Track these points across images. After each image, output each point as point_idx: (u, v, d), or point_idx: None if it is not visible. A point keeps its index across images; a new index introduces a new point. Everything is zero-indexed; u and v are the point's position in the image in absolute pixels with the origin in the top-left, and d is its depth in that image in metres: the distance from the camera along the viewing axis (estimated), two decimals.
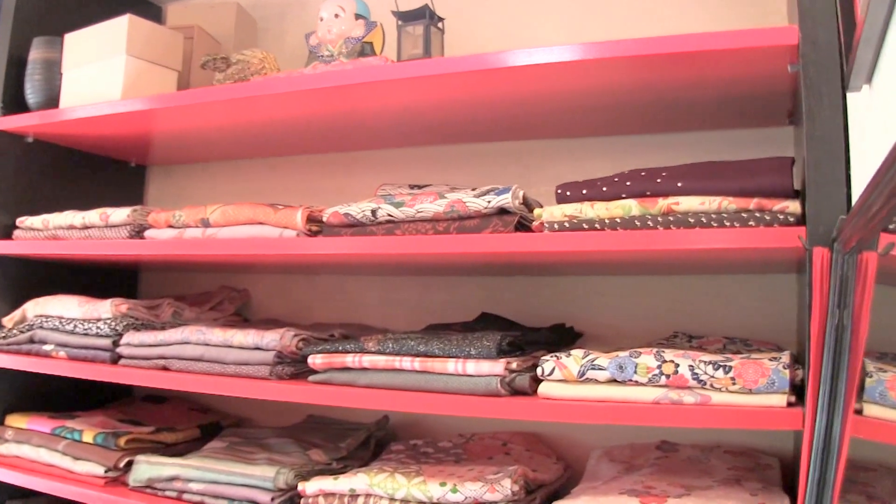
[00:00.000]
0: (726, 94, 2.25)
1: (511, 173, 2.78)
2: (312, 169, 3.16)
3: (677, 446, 2.43)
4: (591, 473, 2.35)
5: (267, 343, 2.38)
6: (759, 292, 2.50)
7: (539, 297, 2.75)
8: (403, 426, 2.88)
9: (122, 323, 2.67)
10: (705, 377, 1.86)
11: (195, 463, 2.45)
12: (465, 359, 2.08)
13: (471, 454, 2.54)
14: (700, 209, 1.90)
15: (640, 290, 2.64)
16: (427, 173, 2.92)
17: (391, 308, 2.99)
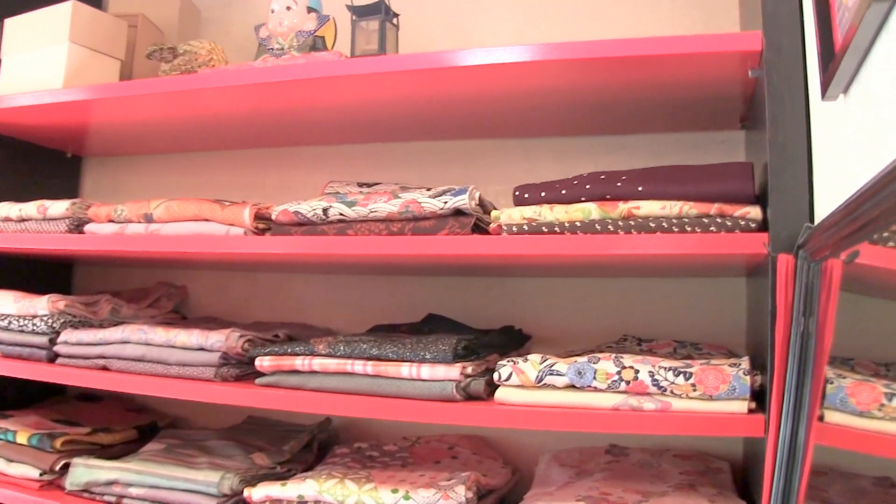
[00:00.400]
0: (680, 97, 2.23)
1: (461, 173, 2.74)
2: (255, 164, 3.10)
3: (627, 450, 2.41)
4: (541, 478, 2.31)
5: (212, 344, 2.31)
6: (708, 296, 2.49)
7: (486, 298, 2.71)
8: (346, 428, 2.83)
9: (59, 320, 2.59)
10: (665, 383, 1.84)
11: (135, 466, 2.38)
12: (420, 363, 2.03)
13: (417, 458, 2.50)
14: (661, 213, 1.88)
15: (588, 292, 2.61)
16: (375, 171, 2.87)
17: (334, 307, 2.94)
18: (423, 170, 2.82)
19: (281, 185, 3.02)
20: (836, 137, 1.55)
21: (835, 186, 1.60)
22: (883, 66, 1.19)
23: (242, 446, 2.58)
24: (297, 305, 3.00)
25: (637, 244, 1.86)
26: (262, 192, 2.97)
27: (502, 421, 1.96)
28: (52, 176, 3.28)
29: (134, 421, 2.92)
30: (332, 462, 2.46)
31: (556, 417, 1.90)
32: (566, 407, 1.91)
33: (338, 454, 2.53)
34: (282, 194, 2.64)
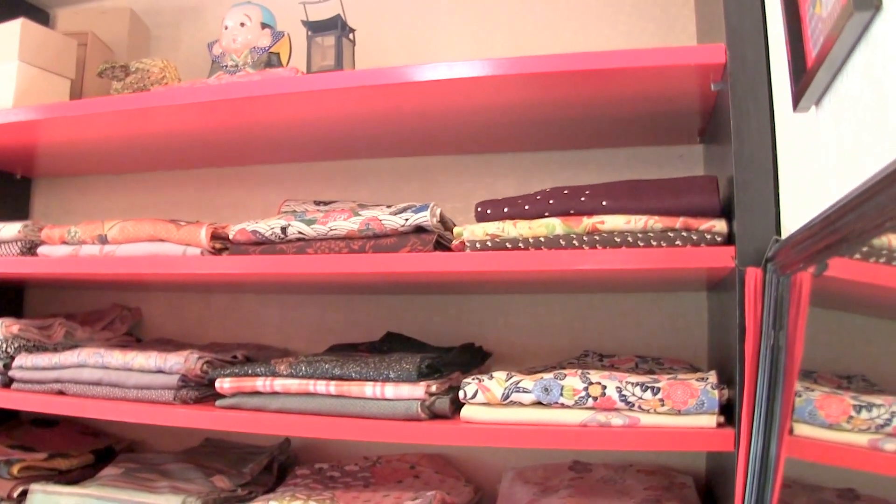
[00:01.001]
0: (639, 111, 2.23)
1: (419, 190, 2.72)
2: (207, 183, 3.06)
3: (590, 466, 2.40)
4: (505, 496, 2.30)
5: (170, 366, 2.28)
6: (669, 310, 2.50)
7: (444, 316, 2.70)
8: (305, 449, 2.80)
9: (13, 345, 2.54)
10: (633, 398, 1.83)
11: (95, 492, 2.34)
12: (384, 382, 2.01)
13: (379, 478, 2.47)
14: (626, 228, 1.87)
15: (548, 308, 2.60)
16: (331, 189, 2.84)
17: (290, 327, 2.91)
18: (380, 187, 2.80)
19: (235, 205, 2.99)
20: (806, 150, 1.54)
21: (803, 199, 1.60)
22: (862, 77, 1.18)
23: (202, 469, 2.54)
24: (252, 326, 2.97)
25: (603, 259, 1.85)
26: (217, 212, 2.93)
27: (469, 439, 1.95)
28: (1, 199, 3.23)
29: (90, 445, 2.88)
30: (293, 483, 2.42)
31: (523, 435, 1.88)
32: (533, 424, 1.89)
33: (299, 475, 2.49)
34: (236, 213, 2.61)
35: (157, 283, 2.79)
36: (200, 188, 3.08)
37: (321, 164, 2.90)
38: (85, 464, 2.75)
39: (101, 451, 2.86)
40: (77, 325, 2.77)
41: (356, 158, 2.84)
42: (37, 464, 2.60)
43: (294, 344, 2.87)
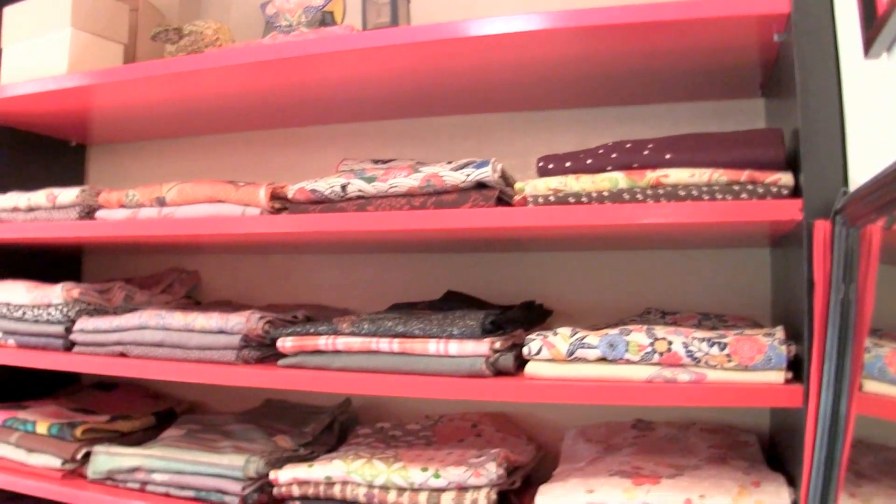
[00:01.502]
0: (698, 64, 2.19)
1: (475, 148, 2.70)
2: (263, 145, 3.06)
3: (653, 424, 2.39)
4: (568, 454, 2.28)
5: (232, 326, 2.28)
6: (730, 267, 2.46)
7: (504, 274, 2.68)
8: (366, 408, 2.80)
9: (73, 308, 2.55)
10: (700, 354, 1.80)
11: (158, 452, 2.35)
12: (448, 339, 2.00)
13: (441, 437, 2.47)
14: (690, 181, 1.83)
15: (609, 265, 2.58)
16: (387, 149, 2.83)
17: (349, 288, 2.90)
18: (436, 146, 2.78)
19: (291, 166, 2.98)
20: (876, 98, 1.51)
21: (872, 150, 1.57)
22: None
23: (263, 429, 2.55)
24: (311, 287, 2.96)
25: (668, 213, 1.82)
26: (272, 174, 2.91)
27: (533, 396, 1.92)
28: (56, 166, 3.25)
29: (152, 407, 2.90)
30: (355, 443, 2.43)
31: (588, 391, 1.86)
32: (598, 380, 1.88)
33: (360, 435, 2.50)
34: (292, 175, 2.59)
35: (215, 245, 2.79)
36: (256, 150, 3.07)
37: (377, 123, 2.88)
38: (147, 426, 2.77)
39: (163, 413, 2.87)
40: (136, 289, 2.78)
41: (412, 117, 2.82)
42: (99, 426, 2.61)
43: (353, 304, 2.86)
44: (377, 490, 2.09)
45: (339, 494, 2.13)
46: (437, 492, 2.04)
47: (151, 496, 2.35)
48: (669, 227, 1.90)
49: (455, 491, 2.03)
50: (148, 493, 2.36)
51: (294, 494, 2.19)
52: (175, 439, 2.50)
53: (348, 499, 2.12)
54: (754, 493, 1.79)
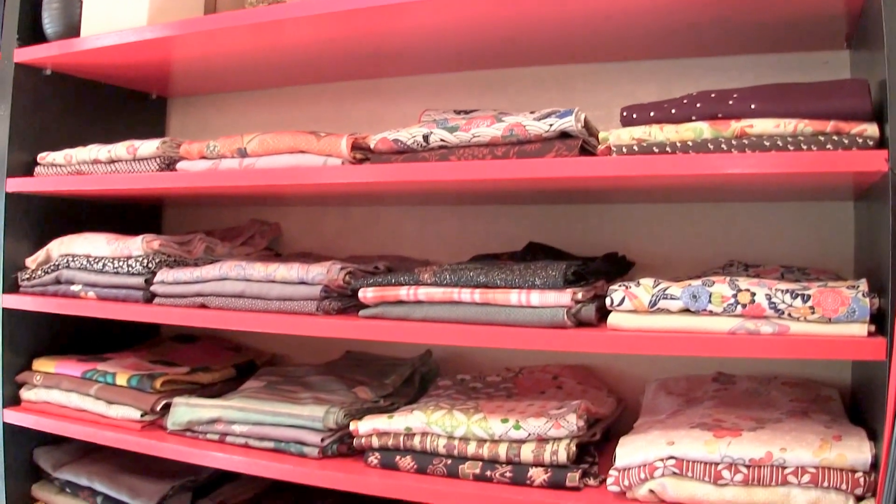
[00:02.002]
0: (781, 15, 2.15)
1: (555, 98, 2.66)
2: (344, 96, 3.05)
3: (734, 378, 2.37)
4: (649, 407, 2.28)
5: (313, 277, 2.28)
6: (813, 220, 2.42)
7: (586, 226, 2.66)
8: (446, 361, 2.80)
9: (154, 260, 2.57)
10: (783, 306, 1.78)
11: (237, 404, 2.38)
12: (530, 289, 1.98)
13: (521, 388, 2.47)
14: (775, 132, 1.80)
15: (691, 217, 2.55)
16: (466, 100, 2.80)
17: (430, 240, 2.89)
18: (518, 97, 2.75)
19: (371, 118, 2.96)
20: None
21: None
22: None
23: (344, 381, 2.56)
24: (392, 239, 2.96)
25: (753, 163, 1.79)
26: (353, 126, 2.89)
27: (615, 346, 1.93)
28: (137, 119, 3.27)
29: (232, 359, 2.92)
30: (436, 394, 2.43)
31: (670, 342, 1.85)
32: (681, 331, 1.86)
33: (441, 386, 2.50)
34: (373, 127, 2.57)
35: (296, 196, 2.80)
36: (336, 102, 3.06)
37: (458, 74, 2.86)
38: (227, 378, 2.80)
39: (243, 365, 2.90)
40: (217, 241, 2.79)
41: (493, 68, 2.79)
42: (179, 378, 2.64)
43: (434, 256, 2.84)
44: (457, 441, 2.09)
45: (418, 445, 2.14)
46: (517, 443, 2.04)
47: (231, 447, 2.38)
48: (754, 178, 1.87)
49: (535, 442, 2.02)
50: (227, 445, 2.39)
51: (374, 445, 2.20)
52: (255, 391, 2.52)
53: (428, 450, 2.13)
54: (835, 447, 1.76)
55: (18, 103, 2.79)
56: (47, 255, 2.77)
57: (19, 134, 2.80)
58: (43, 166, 2.79)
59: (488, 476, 2.05)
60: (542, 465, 2.01)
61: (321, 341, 2.85)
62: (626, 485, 1.89)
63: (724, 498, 1.80)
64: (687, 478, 1.84)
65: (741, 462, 1.79)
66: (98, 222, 2.92)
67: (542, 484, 2.00)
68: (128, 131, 2.99)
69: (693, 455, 1.83)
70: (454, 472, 2.09)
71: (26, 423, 2.75)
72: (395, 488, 2.12)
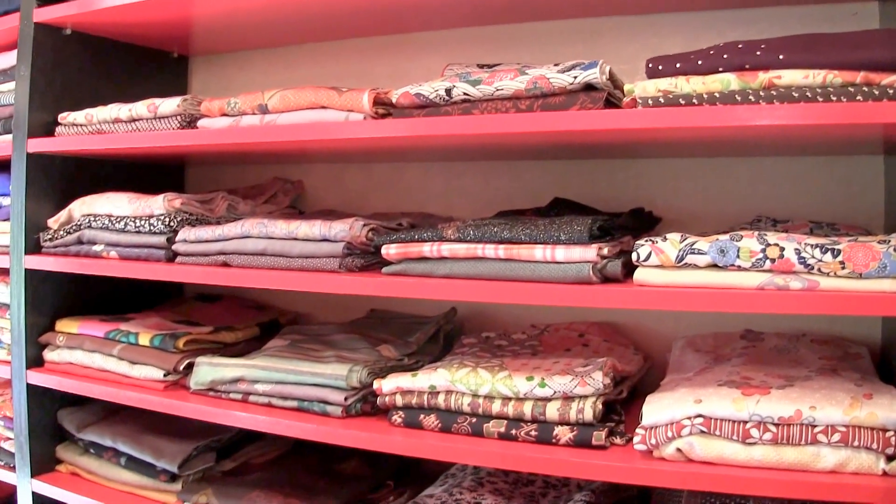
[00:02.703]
0: None
1: (579, 52, 2.61)
2: (366, 52, 3.02)
3: (762, 335, 2.35)
4: (676, 364, 2.26)
5: (335, 234, 2.26)
6: (842, 175, 2.39)
7: (611, 182, 2.63)
8: (470, 318, 2.79)
9: (176, 219, 2.56)
10: (812, 261, 1.75)
11: (260, 363, 2.37)
12: (555, 244, 1.95)
13: (547, 346, 2.45)
14: (803, 83, 1.76)
15: (717, 172, 2.52)
16: (489, 55, 2.76)
17: (454, 196, 2.87)
18: (541, 51, 2.71)
19: (394, 74, 2.93)
20: None
21: None
22: None
23: (367, 339, 2.55)
24: (415, 196, 2.94)
25: (782, 115, 1.75)
26: (375, 82, 2.83)
27: (642, 302, 1.89)
28: (158, 78, 3.25)
29: (255, 318, 2.92)
30: (460, 352, 2.42)
31: (698, 298, 1.82)
32: (708, 287, 1.83)
33: (465, 344, 2.49)
34: (395, 83, 2.51)
35: (318, 153, 2.79)
36: (358, 58, 3.03)
37: (481, 29, 2.82)
38: (250, 336, 2.80)
39: (267, 324, 2.90)
40: (239, 199, 2.78)
41: (517, 22, 2.75)
42: (202, 337, 2.64)
43: (458, 212, 2.81)
44: (482, 399, 2.07)
45: (443, 404, 2.12)
46: (542, 401, 2.02)
47: (254, 406, 2.37)
48: (783, 130, 1.85)
49: (561, 400, 2.01)
50: (250, 404, 2.38)
51: (397, 404, 2.19)
52: (278, 349, 2.51)
53: (452, 408, 2.11)
54: (866, 405, 1.74)
55: (38, 63, 2.77)
56: (69, 216, 2.76)
57: (40, 94, 2.78)
58: (64, 126, 2.76)
59: (513, 435, 2.03)
60: (568, 423, 1.99)
61: (345, 299, 2.84)
62: (652, 443, 1.88)
63: (753, 457, 1.79)
64: (715, 436, 1.82)
65: (770, 420, 1.77)
66: (120, 182, 2.91)
67: (568, 442, 1.98)
68: (149, 91, 2.94)
69: (721, 413, 1.82)
70: (479, 430, 2.07)
71: (50, 384, 2.76)
72: (418, 447, 2.10)
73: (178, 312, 2.95)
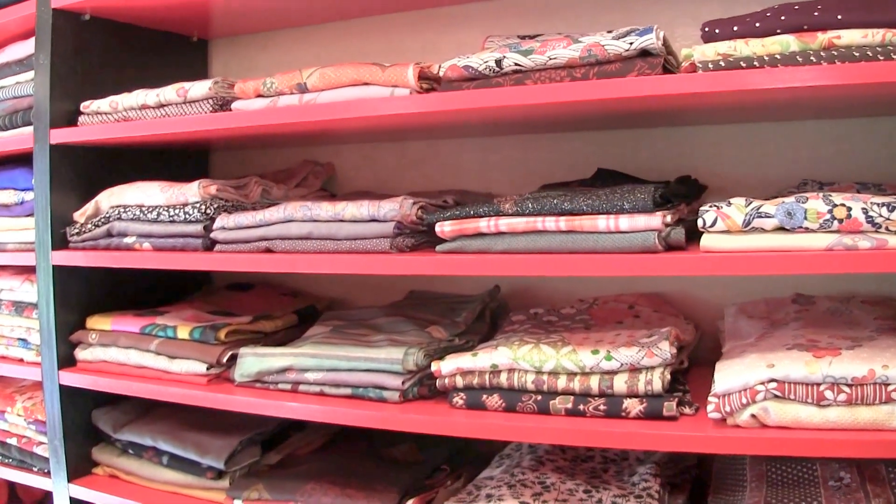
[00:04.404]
0: None
1: (616, 21, 2.56)
2: (395, 28, 2.96)
3: (813, 298, 2.33)
4: (732, 331, 2.24)
5: (384, 213, 2.21)
6: (885, 135, 2.36)
7: (652, 150, 2.59)
8: (514, 295, 2.76)
9: (212, 206, 2.50)
10: (880, 220, 1.73)
11: (309, 350, 2.33)
12: (618, 214, 1.93)
13: (598, 319, 2.42)
14: (863, 42, 1.74)
15: (759, 138, 2.49)
16: (522, 27, 2.69)
17: (491, 171, 2.82)
18: (576, 20, 2.67)
19: (426, 49, 2.87)
20: None
21: None
22: None
23: (413, 321, 2.51)
24: (451, 172, 2.89)
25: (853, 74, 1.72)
26: (407, 58, 2.75)
27: (711, 269, 1.86)
28: (178, 63, 3.20)
29: (292, 305, 2.87)
30: (510, 330, 2.38)
31: (767, 261, 1.80)
32: (777, 250, 1.81)
33: (515, 321, 2.45)
34: (427, 58, 2.46)
35: (349, 134, 2.74)
36: (387, 35, 2.98)
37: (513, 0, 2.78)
38: (289, 325, 2.76)
39: (304, 310, 2.86)
40: (272, 183, 2.73)
41: None
42: (242, 327, 2.60)
43: (496, 188, 2.78)
44: (546, 376, 2.04)
45: (506, 383, 2.09)
46: (609, 374, 1.99)
47: (305, 396, 2.33)
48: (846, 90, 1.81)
49: (628, 373, 1.98)
50: (301, 394, 2.34)
51: (458, 385, 2.15)
52: (324, 336, 2.47)
53: (516, 387, 2.08)
54: None
55: (58, 51, 2.71)
56: (96, 208, 2.71)
57: (61, 82, 2.72)
58: (87, 115, 2.71)
59: (581, 410, 2.00)
60: (637, 395, 1.97)
61: (383, 281, 2.81)
62: (727, 411, 1.85)
63: (828, 419, 1.77)
64: (789, 400, 1.80)
65: (843, 381, 1.76)
66: (144, 171, 2.85)
67: (639, 415, 1.96)
68: (169, 76, 2.87)
69: (795, 376, 1.80)
70: (545, 408, 2.04)
71: (84, 384, 2.70)
72: (483, 428, 2.07)
73: (211, 303, 2.91)
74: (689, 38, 2.42)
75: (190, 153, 3.26)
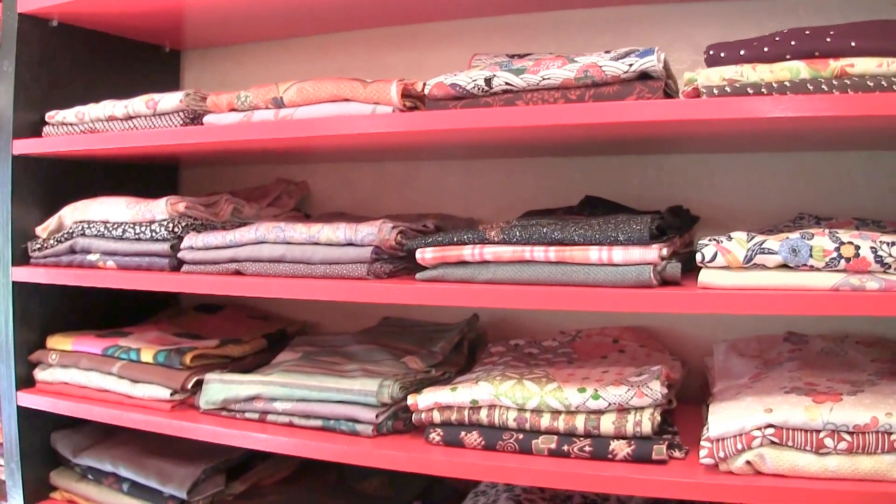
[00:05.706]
0: None
1: (608, 43, 2.50)
2: (377, 44, 2.88)
3: (806, 337, 2.27)
4: (723, 370, 2.17)
5: (362, 238, 2.13)
6: (886, 170, 2.30)
7: (643, 179, 2.52)
8: (491, 324, 2.69)
9: (179, 224, 2.41)
10: (889, 260, 1.67)
11: (279, 379, 2.24)
12: (611, 245, 1.85)
13: (581, 353, 2.35)
14: (878, 71, 1.67)
15: (754, 168, 2.42)
16: (510, 46, 2.66)
17: (474, 195, 2.75)
18: (569, 41, 2.60)
19: (410, 66, 2.80)
20: None
21: None
22: None
23: (388, 350, 2.43)
24: (431, 195, 2.81)
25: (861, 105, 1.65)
26: (389, 75, 2.67)
27: (709, 306, 1.78)
28: (149, 73, 3.11)
29: (261, 329, 2.78)
30: (489, 362, 2.30)
31: (769, 300, 1.73)
32: (779, 289, 1.74)
33: (494, 353, 2.38)
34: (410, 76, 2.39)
35: (325, 153, 2.67)
36: (369, 50, 2.90)
37: (503, 18, 2.69)
38: (258, 349, 2.67)
39: (274, 335, 2.77)
40: (244, 202, 2.64)
41: (542, 10, 2.64)
42: (209, 352, 2.51)
43: (479, 213, 2.71)
44: (529, 414, 1.96)
45: (486, 420, 2.00)
46: (596, 414, 1.91)
47: (273, 426, 2.24)
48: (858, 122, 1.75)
49: (616, 412, 1.90)
50: (269, 424, 2.26)
51: (435, 420, 2.06)
52: (294, 363, 2.39)
53: (497, 424, 1.99)
54: None
55: (24, 58, 2.62)
56: (59, 223, 2.61)
57: (25, 91, 2.63)
58: (52, 126, 2.62)
59: (565, 451, 1.92)
60: (625, 437, 1.89)
61: (357, 307, 2.75)
62: (720, 456, 1.78)
63: (827, 468, 1.71)
64: (787, 447, 1.74)
65: (845, 429, 1.70)
66: (110, 186, 2.77)
67: (626, 458, 1.88)
68: (140, 87, 2.78)
69: (794, 422, 1.73)
70: (527, 447, 1.95)
71: (42, 406, 2.61)
72: (461, 467, 1.98)
73: (177, 325, 2.81)
74: (685, 62, 2.38)
75: (159, 168, 3.17)
